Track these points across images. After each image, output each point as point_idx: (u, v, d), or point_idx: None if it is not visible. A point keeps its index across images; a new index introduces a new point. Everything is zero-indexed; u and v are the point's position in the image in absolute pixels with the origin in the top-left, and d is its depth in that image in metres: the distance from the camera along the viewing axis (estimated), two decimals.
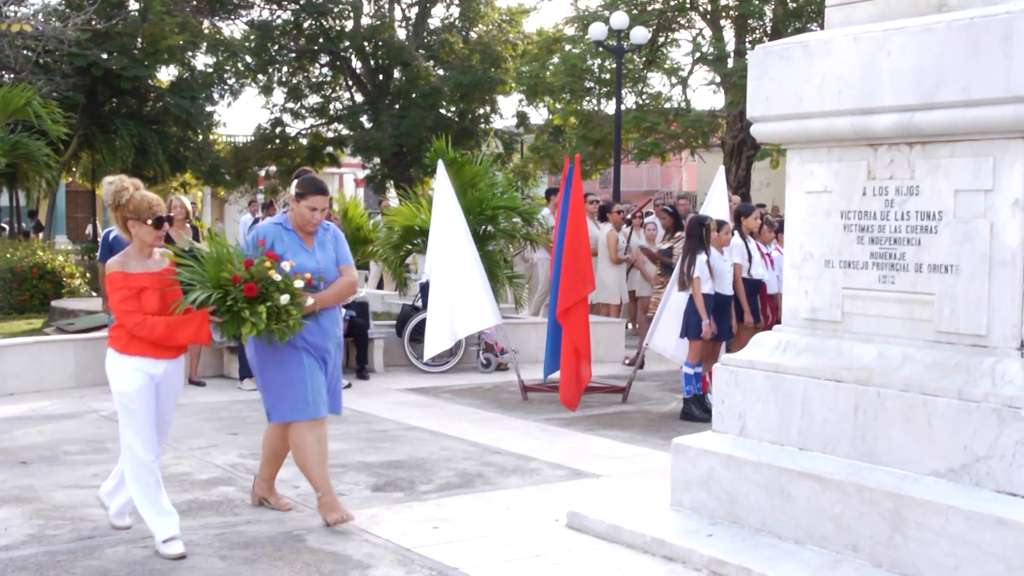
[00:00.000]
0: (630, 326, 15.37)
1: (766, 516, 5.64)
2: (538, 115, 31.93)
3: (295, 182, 6.14)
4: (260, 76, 31.97)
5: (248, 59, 31.23)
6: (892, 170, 5.44)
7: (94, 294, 16.16)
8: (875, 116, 5.38)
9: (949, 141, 5.18)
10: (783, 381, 5.75)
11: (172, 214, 11.24)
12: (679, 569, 5.43)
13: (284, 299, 5.64)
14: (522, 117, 32.39)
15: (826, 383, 5.55)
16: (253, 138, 32.94)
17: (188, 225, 11.41)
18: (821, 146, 5.76)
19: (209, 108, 30.28)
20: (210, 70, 30.61)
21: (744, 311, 10.51)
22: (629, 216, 15.59)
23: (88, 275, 17.40)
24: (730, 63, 24.52)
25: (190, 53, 28.98)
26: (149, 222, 5.61)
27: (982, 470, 4.89)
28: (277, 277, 5.66)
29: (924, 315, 5.32)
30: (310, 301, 5.85)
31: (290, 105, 32.72)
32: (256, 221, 21.88)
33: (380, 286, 18.41)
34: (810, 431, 5.61)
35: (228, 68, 31.19)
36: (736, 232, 10.56)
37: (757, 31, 26.01)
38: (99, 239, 14.26)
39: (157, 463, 5.72)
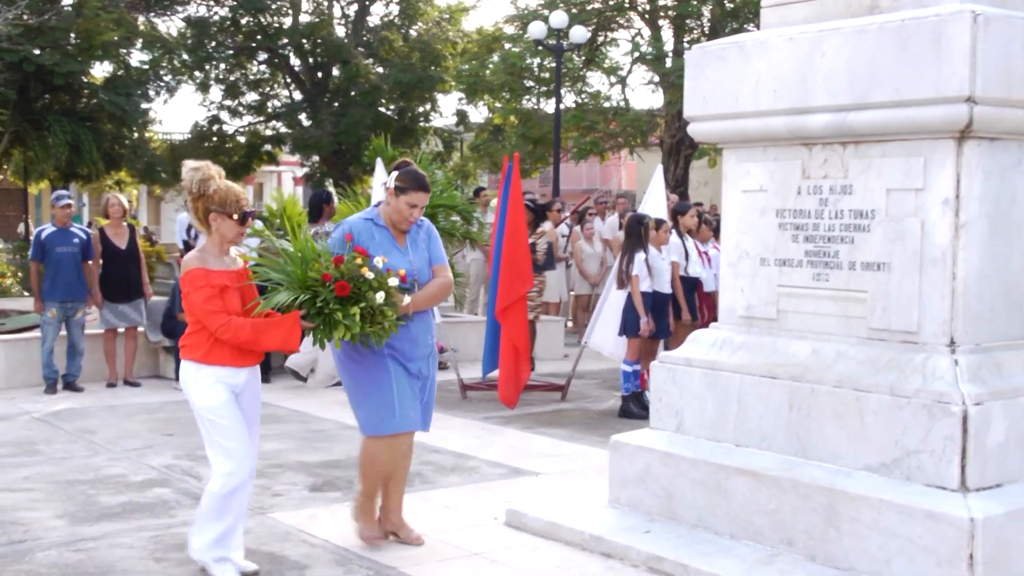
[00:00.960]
0: (569, 324, 15.42)
1: (703, 512, 5.68)
2: (478, 114, 31.93)
3: (395, 174, 5.61)
4: (197, 73, 31.58)
5: (185, 56, 30.85)
6: (826, 169, 5.50)
7: (26, 294, 15.89)
8: (810, 116, 5.44)
9: (881, 141, 5.26)
10: (719, 378, 5.80)
11: (110, 211, 11.16)
12: (617, 566, 5.46)
13: (379, 298, 5.10)
14: (462, 116, 32.33)
15: (761, 380, 5.60)
16: (190, 136, 32.55)
17: (124, 224, 11.28)
18: (757, 145, 5.82)
19: (145, 105, 29.82)
20: (146, 67, 30.17)
21: (682, 309, 10.58)
22: (569, 214, 15.65)
23: (20, 274, 17.09)
24: (668, 63, 24.66)
25: (125, 50, 28.52)
26: (235, 216, 5.12)
27: (913, 464, 4.97)
28: (370, 275, 5.13)
29: (857, 312, 5.39)
30: (406, 300, 5.34)
31: (228, 103, 32.36)
32: None
33: None
34: (746, 427, 5.67)
35: (164, 65, 30.76)
36: (673, 230, 10.63)
37: (695, 31, 26.18)
38: (31, 238, 14.02)
39: (251, 483, 5.25)
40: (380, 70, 31.55)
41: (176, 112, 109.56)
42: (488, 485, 7.13)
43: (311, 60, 31.91)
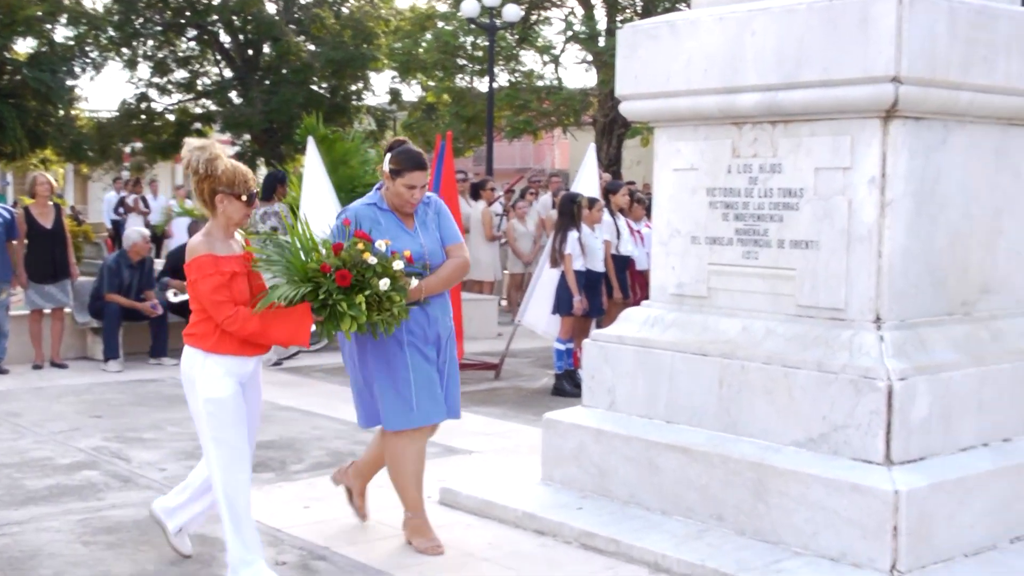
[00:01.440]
0: (503, 303, 15.43)
1: (635, 488, 5.73)
2: (411, 92, 31.77)
3: (388, 156, 5.31)
4: (124, 50, 31.03)
5: (111, 32, 30.29)
6: (756, 148, 5.55)
7: None
8: (739, 95, 5.49)
9: (810, 120, 5.31)
10: (651, 356, 5.85)
11: (36, 190, 10.94)
12: (550, 542, 5.49)
13: (383, 284, 4.81)
14: (395, 94, 32.16)
15: (692, 357, 5.65)
16: (117, 113, 32.00)
17: (51, 203, 11.08)
18: (688, 124, 5.85)
19: (70, 82, 29.33)
20: (71, 43, 29.62)
21: (614, 287, 10.64)
22: (502, 193, 15.65)
23: None
24: (601, 42, 24.72)
25: (49, 25, 27.99)
26: (243, 198, 4.81)
27: (840, 439, 5.05)
28: (372, 260, 4.83)
29: (786, 290, 5.46)
30: (414, 283, 5.05)
31: (156, 80, 31.85)
32: (122, 200, 21.34)
33: None
34: (677, 404, 5.72)
35: (90, 41, 30.21)
36: (606, 209, 10.68)
37: (628, 10, 26.25)
38: None
39: (250, 480, 4.98)
40: (312, 48, 31.26)
41: (103, 89, 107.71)
42: None
43: (241, 37, 31.52)
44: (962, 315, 5.46)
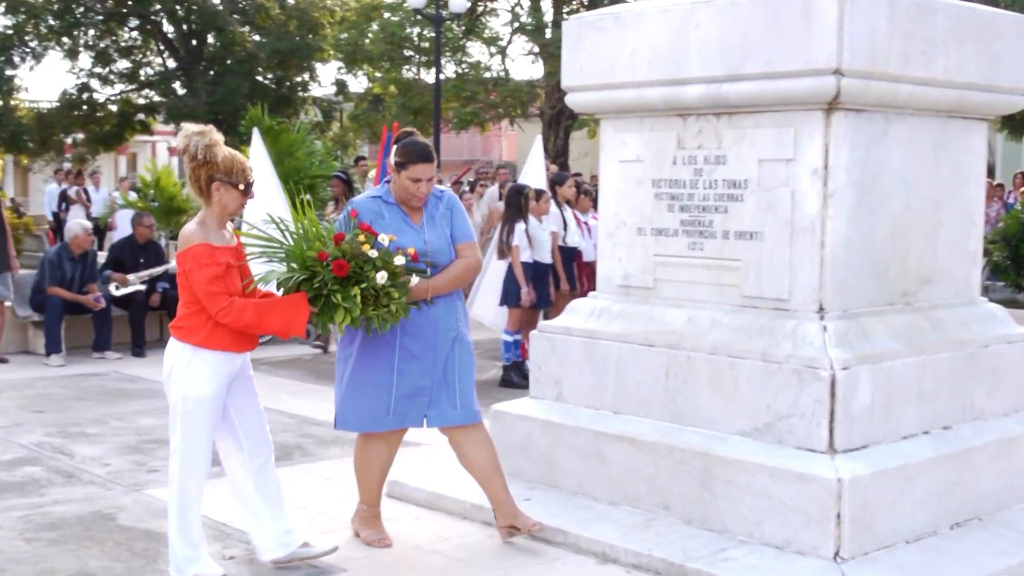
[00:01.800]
0: None
1: (582, 479, 5.76)
2: (357, 83, 31.61)
3: (394, 148, 5.14)
4: (65, 39, 30.59)
5: (51, 21, 29.83)
6: (700, 140, 5.59)
7: None
8: (684, 87, 5.52)
9: (754, 112, 5.36)
10: (598, 347, 5.87)
11: None
12: (497, 534, 5.49)
13: (380, 278, 4.68)
14: (341, 85, 31.97)
15: (639, 348, 5.69)
16: (58, 104, 31.53)
17: None
18: (633, 116, 5.88)
19: (9, 72, 28.86)
20: (10, 32, 29.13)
21: (561, 279, 10.66)
22: (450, 184, 15.62)
23: None
24: (548, 33, 24.73)
25: None
26: (240, 187, 4.74)
27: (784, 428, 5.11)
28: (373, 254, 4.70)
29: (731, 280, 5.50)
30: (414, 280, 4.89)
31: (98, 70, 31.43)
32: (64, 192, 21.04)
33: None
34: (624, 395, 5.75)
35: (29, 31, 29.73)
36: (552, 201, 10.70)
37: (574, 2, 26.27)
38: None
39: (271, 464, 4.96)
40: (257, 38, 30.99)
41: (43, 79, 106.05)
42: None
43: (185, 27, 31.16)
44: (903, 305, 5.54)
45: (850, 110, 5.14)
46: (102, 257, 11.79)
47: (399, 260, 4.80)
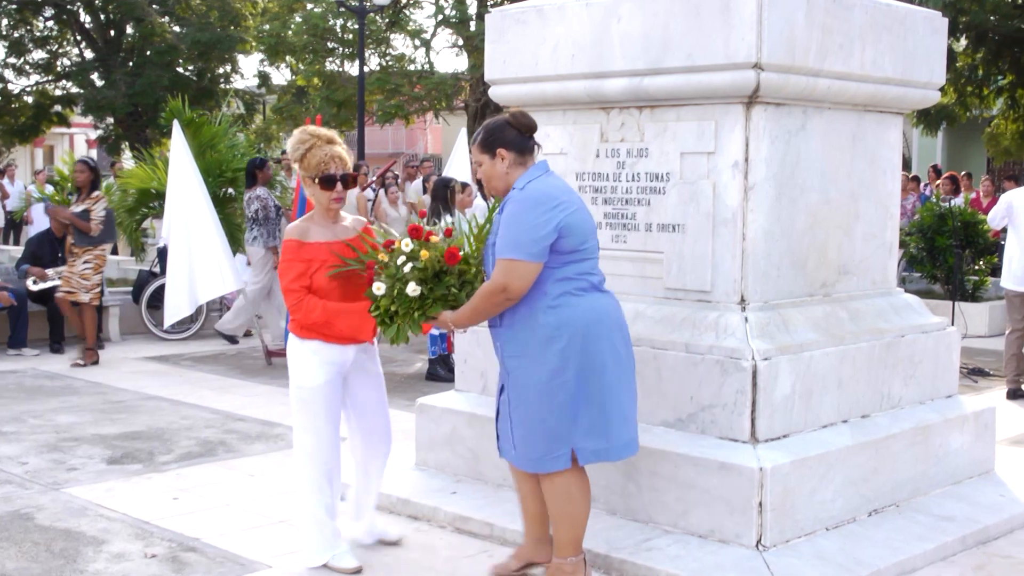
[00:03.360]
0: None
1: (508, 472, 5.75)
2: (280, 76, 31.30)
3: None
4: None
5: None
6: (623, 133, 5.62)
7: None
8: (607, 80, 5.55)
9: (676, 105, 5.40)
10: None
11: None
12: (425, 527, 5.49)
13: (412, 290, 4.47)
14: (264, 77, 31.62)
15: None
16: None
17: None
18: (556, 109, 5.90)
19: None
20: None
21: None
22: (375, 178, 15.54)
23: None
24: (472, 26, 24.71)
25: None
26: (316, 180, 4.79)
27: (707, 419, 5.16)
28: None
29: (654, 272, 5.55)
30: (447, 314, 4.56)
31: (12, 60, 30.73)
32: None
33: (114, 251, 17.66)
34: None
35: None
36: (478, 193, 10.70)
37: None
38: None
39: (337, 472, 4.96)
40: (177, 29, 30.50)
41: None
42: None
43: (103, 17, 30.57)
44: (822, 296, 5.63)
45: (769, 104, 5.21)
46: (18, 252, 11.54)
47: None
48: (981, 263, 13.05)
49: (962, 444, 5.97)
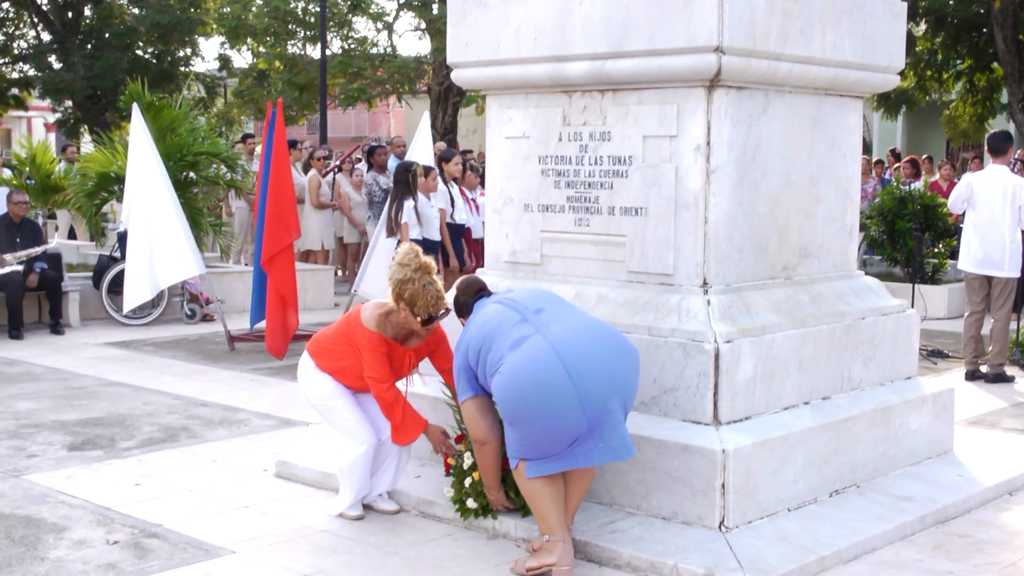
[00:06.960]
0: (339, 273, 15.30)
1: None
2: (242, 59, 31.02)
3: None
4: None
5: None
6: (586, 116, 5.62)
7: None
8: (569, 64, 5.54)
9: (638, 89, 5.41)
10: None
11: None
12: (384, 513, 5.48)
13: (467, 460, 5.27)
14: (225, 60, 31.31)
15: None
16: None
17: None
18: (519, 92, 5.89)
19: None
20: None
21: (449, 256, 10.66)
22: (339, 162, 15.47)
23: None
24: (435, 9, 24.59)
25: None
26: (418, 318, 5.15)
27: (670, 401, 5.19)
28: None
29: (617, 256, 5.56)
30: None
31: None
32: None
33: (72, 236, 17.49)
34: None
35: None
36: (440, 178, 10.68)
37: None
38: None
39: (372, 450, 5.41)
40: (136, 11, 30.14)
41: None
42: (257, 437, 7.03)
43: None
44: (783, 279, 5.67)
45: (731, 87, 5.22)
46: None
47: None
48: (940, 246, 13.18)
49: (921, 425, 6.04)
